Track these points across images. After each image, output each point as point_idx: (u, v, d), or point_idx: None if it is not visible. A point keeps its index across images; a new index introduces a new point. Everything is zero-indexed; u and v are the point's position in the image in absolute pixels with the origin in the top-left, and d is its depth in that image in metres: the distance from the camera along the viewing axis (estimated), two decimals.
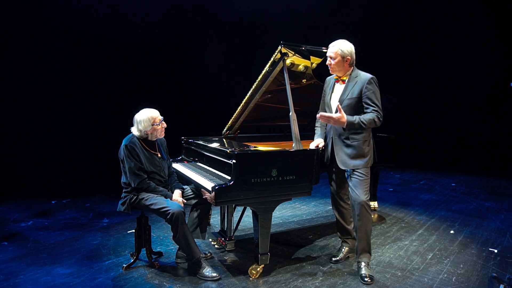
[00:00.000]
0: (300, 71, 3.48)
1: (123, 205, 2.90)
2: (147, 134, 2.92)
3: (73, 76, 6.47)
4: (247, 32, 7.65)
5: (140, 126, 2.88)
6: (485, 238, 3.78)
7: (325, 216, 4.57)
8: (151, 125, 2.89)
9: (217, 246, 3.41)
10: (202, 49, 7.67)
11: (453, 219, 4.39)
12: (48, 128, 6.32)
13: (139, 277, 2.86)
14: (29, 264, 3.10)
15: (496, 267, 3.08)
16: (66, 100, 6.44)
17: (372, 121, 2.71)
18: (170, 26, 7.25)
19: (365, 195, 2.78)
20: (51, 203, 5.04)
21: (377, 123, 2.74)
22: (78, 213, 4.59)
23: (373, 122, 2.72)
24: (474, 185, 6.37)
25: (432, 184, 6.48)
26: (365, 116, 2.72)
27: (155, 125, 2.91)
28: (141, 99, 6.76)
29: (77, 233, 3.87)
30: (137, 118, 2.91)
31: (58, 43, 6.28)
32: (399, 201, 5.27)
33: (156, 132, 2.95)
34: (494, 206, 5.00)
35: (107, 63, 6.67)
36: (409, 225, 4.18)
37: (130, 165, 2.82)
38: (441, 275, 2.93)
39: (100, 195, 5.44)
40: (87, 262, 3.14)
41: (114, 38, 6.71)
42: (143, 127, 2.88)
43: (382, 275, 2.92)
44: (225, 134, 4.00)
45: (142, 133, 2.91)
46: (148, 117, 2.89)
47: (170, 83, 7.47)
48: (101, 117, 6.68)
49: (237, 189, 2.62)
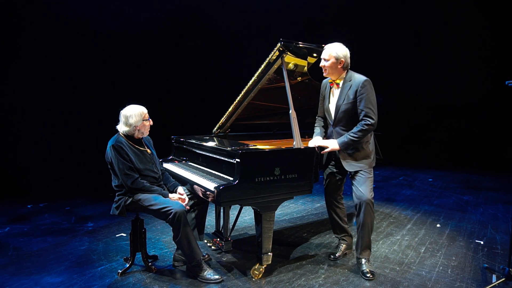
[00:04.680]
0: (295, 69, 3.46)
1: (118, 208, 2.77)
2: (136, 130, 2.81)
3: (48, 75, 6.11)
4: (239, 31, 7.56)
5: (130, 120, 2.77)
6: (470, 230, 3.94)
7: (315, 213, 4.60)
8: (142, 120, 2.80)
9: (213, 247, 3.33)
10: (187, 48, 7.49)
11: (437, 213, 4.55)
12: (17, 129, 5.94)
13: (136, 283, 2.73)
14: (13, 274, 2.89)
15: (485, 258, 3.21)
16: (36, 99, 6.07)
17: (361, 131, 2.72)
18: (159, 22, 7.02)
19: (370, 193, 2.81)
20: (27, 207, 4.74)
21: (368, 130, 2.74)
22: (58, 217, 4.34)
23: (364, 131, 2.73)
24: (450, 180, 6.65)
25: (411, 179, 6.70)
26: (354, 130, 2.76)
27: (145, 120, 2.82)
28: (120, 97, 6.55)
29: (61, 238, 3.66)
30: (126, 113, 2.79)
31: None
32: (383, 197, 5.40)
33: (144, 129, 2.85)
34: (472, 199, 5.24)
35: (84, 60, 6.37)
36: (397, 220, 4.29)
37: (119, 166, 2.70)
38: (437, 267, 3.02)
39: (79, 198, 5.18)
40: (77, 269, 2.96)
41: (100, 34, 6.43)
42: (134, 122, 2.77)
43: (381, 270, 2.97)
44: (215, 132, 3.92)
45: (131, 128, 2.79)
46: (139, 111, 2.80)
47: (152, 81, 7.23)
48: (75, 115, 6.36)
49: (241, 188, 2.56)
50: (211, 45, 7.59)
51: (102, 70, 6.49)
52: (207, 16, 7.51)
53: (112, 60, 6.55)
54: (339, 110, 2.83)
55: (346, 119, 2.83)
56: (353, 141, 2.75)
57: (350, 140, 2.75)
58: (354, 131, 2.75)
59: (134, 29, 6.67)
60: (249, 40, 7.47)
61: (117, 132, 2.86)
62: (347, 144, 2.76)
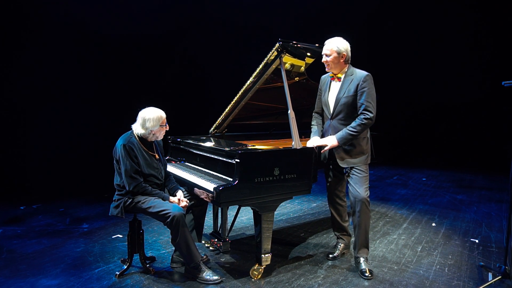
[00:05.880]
0: (291, 69, 3.46)
1: (116, 209, 2.73)
2: (151, 134, 2.75)
3: (40, 76, 6.02)
4: (239, 31, 7.53)
5: (148, 124, 2.70)
6: (465, 229, 3.98)
7: (312, 213, 4.61)
8: (159, 125, 2.74)
9: (211, 248, 3.32)
10: (183, 49, 7.45)
11: (432, 212, 4.59)
12: (9, 130, 5.84)
13: (135, 285, 2.71)
14: (8, 277, 2.84)
15: (481, 256, 3.25)
16: (28, 100, 5.98)
17: (360, 125, 2.73)
18: (158, 23, 6.95)
19: (365, 192, 2.82)
20: (20, 209, 4.66)
21: (367, 125, 2.76)
22: (53, 218, 4.28)
23: (363, 126, 2.74)
24: (443, 179, 6.72)
25: (405, 179, 6.76)
26: (352, 124, 2.76)
27: (162, 126, 2.76)
28: (118, 98, 6.50)
29: (56, 240, 3.61)
30: (145, 116, 2.71)
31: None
32: (379, 197, 5.43)
33: (159, 134, 2.79)
34: (465, 198, 5.30)
35: (82, 61, 6.29)
36: (393, 219, 4.32)
37: (126, 167, 2.65)
38: (434, 266, 3.04)
39: (73, 199, 5.11)
40: (74, 271, 2.93)
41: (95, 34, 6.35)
42: (151, 126, 2.70)
43: (380, 269, 2.98)
44: (212, 133, 3.90)
45: (146, 132, 2.73)
46: (158, 116, 2.71)
47: (152, 81, 7.16)
48: (68, 116, 6.28)
49: (241, 189, 2.55)
50: (211, 45, 7.55)
51: (99, 70, 6.42)
52: (207, 16, 7.47)
53: (112, 60, 6.49)
54: (339, 103, 2.84)
55: (345, 113, 2.83)
56: (351, 136, 2.75)
57: (348, 135, 2.75)
58: (353, 125, 2.74)
59: (133, 29, 6.60)
60: (249, 40, 7.43)
61: (130, 129, 2.79)
62: (345, 139, 2.76)
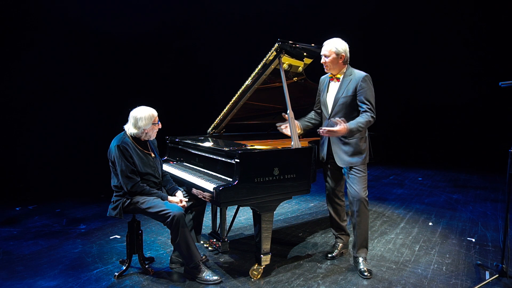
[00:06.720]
0: (289, 69, 3.46)
1: (115, 210, 2.72)
2: (144, 133, 2.75)
3: (36, 76, 5.98)
4: (239, 31, 7.52)
5: (140, 123, 2.70)
6: (461, 228, 4.02)
7: (309, 213, 4.62)
8: (151, 123, 2.73)
9: (210, 248, 3.31)
10: (182, 49, 7.43)
11: (428, 212, 4.62)
12: (4, 130, 5.79)
13: (134, 285, 2.69)
14: (5, 278, 2.81)
15: (477, 255, 3.28)
16: (25, 101, 5.93)
17: (367, 122, 2.76)
18: (158, 23, 6.94)
19: (364, 191, 2.84)
20: (16, 209, 4.62)
21: (371, 122, 2.79)
22: (49, 219, 4.25)
23: (368, 123, 2.77)
24: (439, 178, 6.77)
25: (401, 179, 6.79)
26: (361, 119, 2.76)
27: (154, 124, 2.76)
28: (115, 98, 6.46)
29: (53, 241, 3.58)
30: (136, 115, 2.71)
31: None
32: (376, 196, 5.46)
33: (152, 132, 2.79)
34: (461, 198, 5.34)
35: (76, 62, 6.25)
36: (390, 219, 4.34)
37: (122, 167, 2.65)
38: (432, 265, 3.06)
39: (69, 200, 5.07)
40: (72, 272, 2.90)
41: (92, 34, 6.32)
42: (144, 124, 2.71)
43: (378, 268, 3.00)
44: (210, 133, 3.90)
45: (139, 131, 2.73)
46: (149, 114, 2.72)
47: (151, 81, 7.13)
48: (65, 117, 6.23)
49: (241, 189, 2.55)
50: (211, 45, 7.54)
51: (96, 71, 6.39)
52: (207, 16, 7.46)
53: (111, 60, 6.46)
54: (337, 102, 2.85)
55: (343, 113, 2.84)
56: (359, 130, 2.76)
57: (356, 129, 2.73)
58: (361, 121, 2.74)
59: (133, 29, 6.59)
60: (248, 40, 7.43)
61: (123, 130, 2.79)
62: (353, 131, 2.75)
